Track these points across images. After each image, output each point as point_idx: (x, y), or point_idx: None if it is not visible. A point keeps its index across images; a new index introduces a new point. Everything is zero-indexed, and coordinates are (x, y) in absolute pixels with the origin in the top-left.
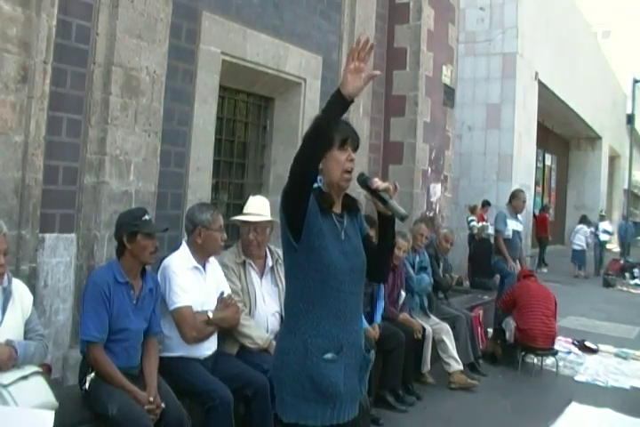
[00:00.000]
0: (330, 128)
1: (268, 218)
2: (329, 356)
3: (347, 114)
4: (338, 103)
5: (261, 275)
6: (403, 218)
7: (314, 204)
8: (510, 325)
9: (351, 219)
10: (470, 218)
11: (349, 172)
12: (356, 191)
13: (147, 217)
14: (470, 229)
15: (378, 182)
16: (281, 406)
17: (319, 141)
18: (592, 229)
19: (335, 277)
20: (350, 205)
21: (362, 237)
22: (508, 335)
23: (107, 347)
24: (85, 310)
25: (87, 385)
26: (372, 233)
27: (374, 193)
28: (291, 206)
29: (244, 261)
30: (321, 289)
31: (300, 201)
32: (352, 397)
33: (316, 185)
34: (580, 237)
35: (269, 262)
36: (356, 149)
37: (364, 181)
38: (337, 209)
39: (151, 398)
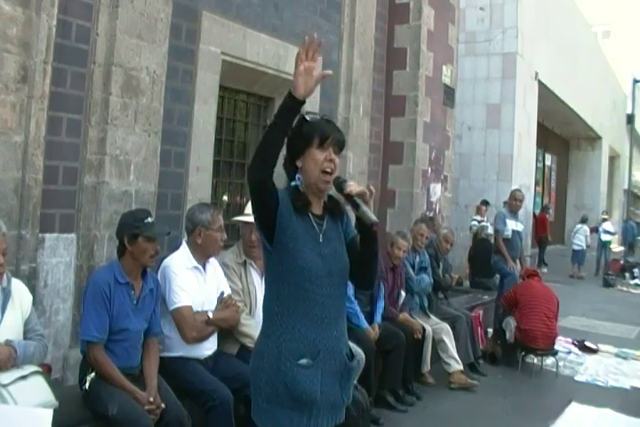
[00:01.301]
0: (282, 134)
1: None
2: (304, 361)
3: (347, 114)
4: (290, 107)
5: (262, 275)
6: (372, 225)
7: (287, 204)
8: (511, 324)
9: (334, 222)
10: (473, 217)
11: (329, 173)
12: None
13: (149, 219)
14: (470, 228)
15: (352, 186)
16: (256, 411)
17: (271, 148)
18: (588, 227)
19: (310, 281)
20: (333, 207)
21: (348, 241)
22: (509, 335)
23: (107, 347)
24: (86, 309)
25: (87, 385)
26: None
27: (348, 197)
28: (256, 210)
29: (245, 261)
30: (296, 292)
31: (264, 205)
32: (331, 405)
33: (293, 184)
34: (580, 237)
35: None
36: (340, 149)
37: (338, 185)
38: (317, 210)
39: (151, 399)
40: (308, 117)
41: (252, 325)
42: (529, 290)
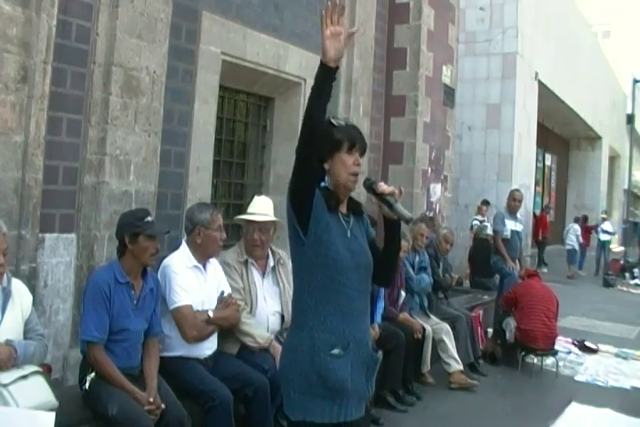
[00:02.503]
0: (324, 102)
1: (273, 218)
2: (336, 351)
3: (347, 114)
4: (325, 74)
5: (263, 274)
6: (408, 221)
7: (320, 199)
8: (511, 325)
9: (357, 221)
10: (474, 217)
11: (356, 175)
12: (355, 192)
13: (149, 218)
14: (471, 228)
15: (383, 186)
16: (288, 404)
17: (316, 114)
18: (579, 226)
19: (342, 273)
20: (355, 207)
21: (369, 241)
22: (509, 335)
23: (107, 347)
24: (86, 309)
25: (87, 385)
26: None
27: (380, 197)
28: (297, 199)
29: (247, 260)
30: (329, 284)
31: (306, 193)
32: (359, 395)
33: (323, 184)
34: (571, 237)
35: (271, 263)
36: (364, 152)
37: (370, 186)
38: (343, 209)
39: (151, 399)
40: (335, 122)
41: (253, 323)
42: (528, 290)
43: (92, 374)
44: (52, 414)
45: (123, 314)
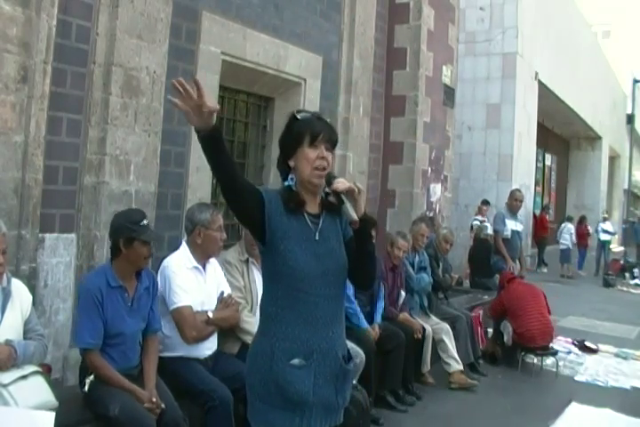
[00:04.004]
0: (219, 162)
1: None
2: (296, 361)
3: (347, 114)
4: (204, 141)
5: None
6: (351, 223)
7: (277, 205)
8: (508, 328)
9: (332, 220)
10: (474, 217)
11: (322, 169)
12: None
13: (145, 222)
14: (471, 228)
15: (339, 183)
16: (250, 411)
17: (219, 177)
18: (572, 225)
19: (303, 281)
20: (331, 205)
21: (346, 240)
22: (506, 338)
23: (104, 351)
24: (79, 316)
25: (87, 388)
26: (374, 233)
27: (335, 194)
28: (238, 216)
29: (248, 259)
30: (289, 293)
31: (245, 209)
32: (325, 407)
33: (286, 183)
34: (565, 236)
35: None
36: (333, 145)
37: (328, 180)
38: (312, 209)
39: (154, 399)
40: (299, 116)
41: (254, 322)
42: (514, 295)
43: (91, 377)
44: (52, 414)
45: (117, 318)
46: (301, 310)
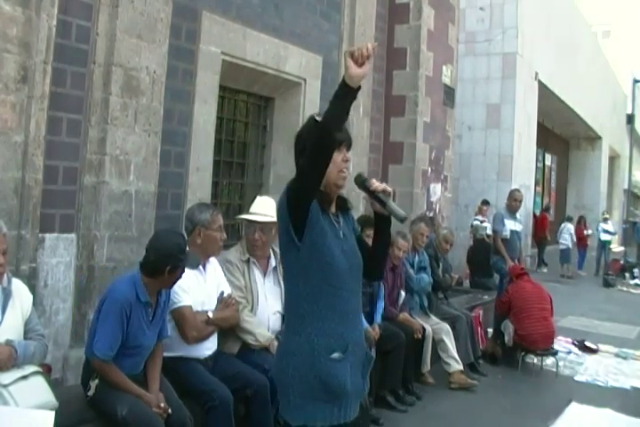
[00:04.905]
0: (344, 117)
1: (274, 219)
2: (336, 355)
3: None
4: (346, 94)
5: (264, 274)
6: (402, 220)
7: (315, 203)
8: (509, 328)
9: (345, 219)
10: (475, 217)
11: (344, 172)
12: (356, 191)
13: (187, 247)
14: (471, 228)
15: (376, 184)
16: (287, 408)
17: (331, 141)
18: (570, 224)
19: (337, 276)
20: (342, 205)
21: (356, 238)
22: (507, 339)
23: (117, 359)
24: (103, 325)
25: (92, 391)
26: (370, 233)
27: (372, 194)
28: (297, 205)
29: (249, 259)
30: (325, 289)
31: (308, 200)
32: (357, 395)
33: None
34: (565, 236)
35: (273, 262)
36: (350, 148)
37: (362, 182)
38: (333, 209)
39: (162, 404)
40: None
41: (255, 322)
42: (521, 293)
43: (96, 380)
44: (52, 414)
45: (139, 331)
46: (336, 305)
